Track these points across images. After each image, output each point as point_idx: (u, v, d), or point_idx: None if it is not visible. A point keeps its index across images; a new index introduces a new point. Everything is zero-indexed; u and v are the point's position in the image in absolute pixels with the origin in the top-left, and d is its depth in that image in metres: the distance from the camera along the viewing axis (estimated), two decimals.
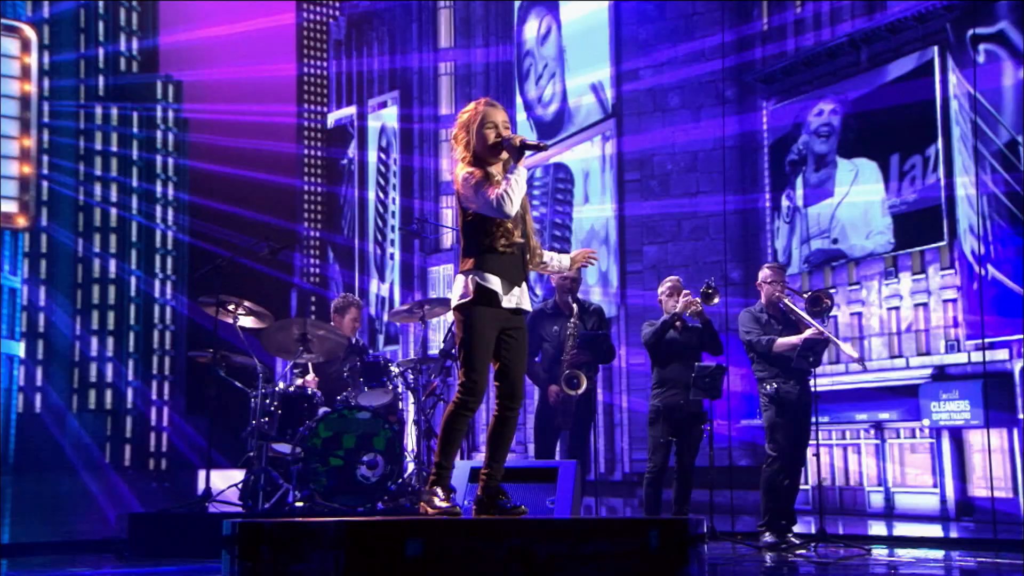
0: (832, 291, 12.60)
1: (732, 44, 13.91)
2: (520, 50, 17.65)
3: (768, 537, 6.72)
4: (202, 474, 9.01)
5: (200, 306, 7.20)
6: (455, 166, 4.15)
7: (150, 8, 17.63)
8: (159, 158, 16.87)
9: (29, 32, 11.44)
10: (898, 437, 12.04)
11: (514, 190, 3.96)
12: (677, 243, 14.35)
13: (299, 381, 7.27)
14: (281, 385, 7.10)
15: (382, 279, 23.23)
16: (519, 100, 17.53)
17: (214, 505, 6.99)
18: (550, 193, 16.78)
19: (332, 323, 7.76)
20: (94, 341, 15.59)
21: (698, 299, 6.91)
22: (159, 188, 17.01)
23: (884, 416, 11.96)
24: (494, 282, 4.00)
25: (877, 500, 12.03)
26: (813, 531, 6.82)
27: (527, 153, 4.03)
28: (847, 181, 12.63)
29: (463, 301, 4.04)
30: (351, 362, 7.17)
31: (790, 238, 13.22)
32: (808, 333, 6.67)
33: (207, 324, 7.10)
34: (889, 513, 11.74)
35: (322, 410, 6.93)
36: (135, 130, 16.87)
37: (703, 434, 6.93)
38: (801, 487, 7.23)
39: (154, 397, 15.37)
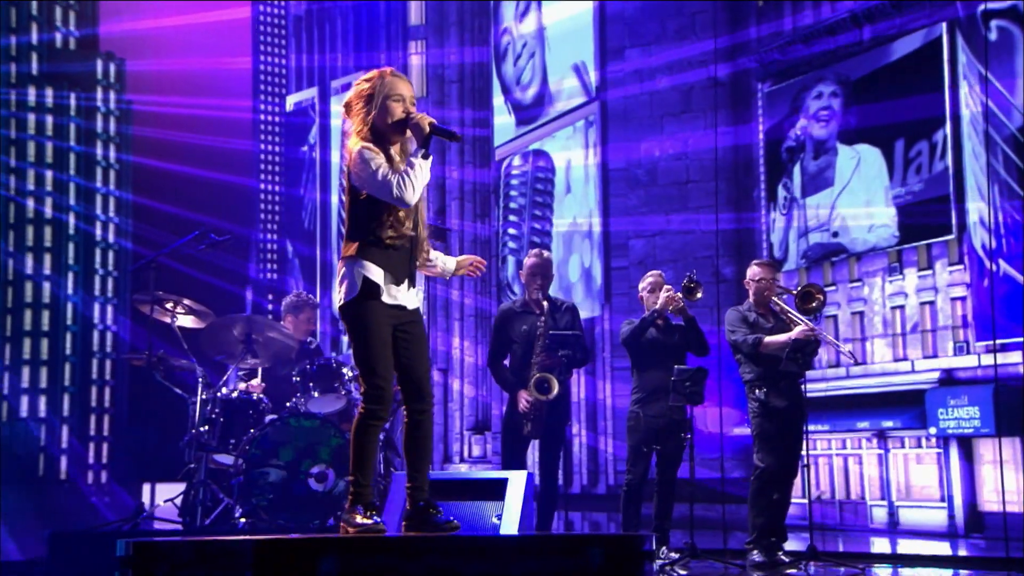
0: (831, 288, 12.57)
1: (725, 22, 13.85)
2: (497, 27, 17.55)
3: (756, 555, 6.62)
4: (147, 488, 8.87)
5: (135, 304, 7.08)
6: (348, 139, 3.99)
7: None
8: (99, 147, 16.65)
9: None
10: (903, 446, 12.01)
11: (417, 177, 3.82)
12: (666, 237, 14.28)
13: (242, 385, 7.16)
14: (224, 390, 6.98)
15: None
16: (496, 81, 17.44)
17: (154, 522, 6.89)
18: (529, 183, 16.69)
19: (283, 323, 7.65)
20: (26, 343, 15.39)
21: (679, 294, 6.81)
22: (99, 178, 16.78)
23: (887, 424, 11.93)
24: (377, 274, 3.88)
25: (880, 515, 11.99)
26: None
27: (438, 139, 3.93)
28: (848, 169, 12.59)
29: (351, 299, 3.90)
30: (301, 365, 7.05)
31: (787, 231, 13.17)
32: (797, 331, 6.58)
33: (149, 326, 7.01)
34: (893, 529, 11.71)
35: (268, 417, 6.81)
36: (72, 116, 16.65)
37: (686, 443, 6.82)
38: (797, 500, 7.16)
39: (93, 404, 15.19)
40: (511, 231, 16.79)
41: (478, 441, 16.63)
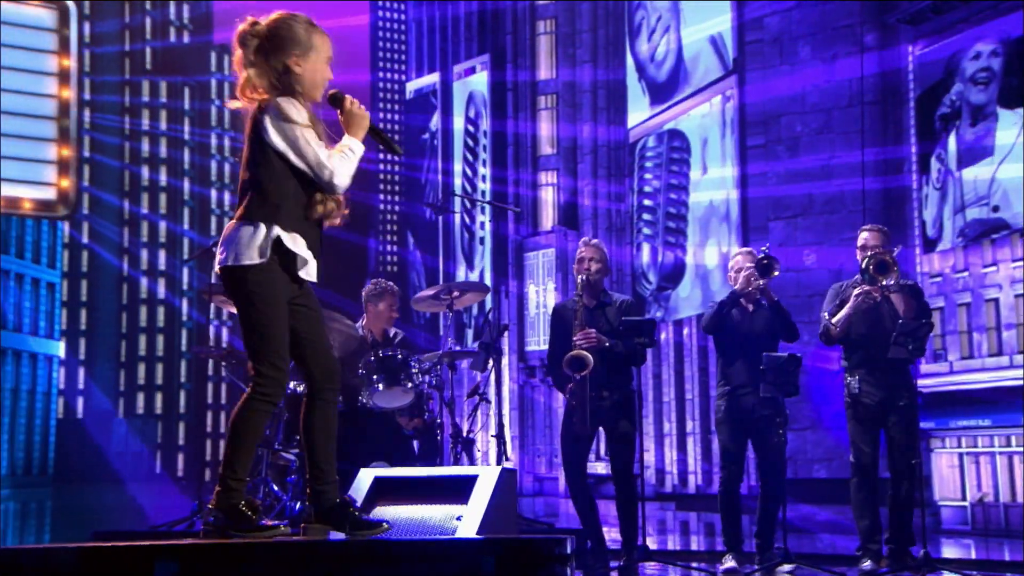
0: (991, 268, 11.80)
1: None
2: (631, 2, 17.17)
3: (867, 564, 6.18)
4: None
5: (201, 294, 7.12)
6: (245, 88, 3.52)
7: None
8: (213, 138, 17.08)
9: (68, 2, 11.66)
10: None
11: (354, 164, 3.53)
12: (808, 217, 13.68)
13: None
14: (291, 384, 6.92)
15: (470, 266, 22.93)
16: (629, 60, 17.10)
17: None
18: (664, 163, 16.28)
19: (365, 313, 7.58)
20: (142, 339, 15.87)
21: (756, 272, 6.40)
22: (214, 169, 17.23)
23: None
24: (297, 244, 3.49)
25: None
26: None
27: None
28: (1011, 136, 11.83)
29: (259, 262, 3.46)
30: (366, 358, 6.94)
31: (941, 207, 12.46)
32: (851, 304, 6.13)
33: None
34: None
35: None
36: (186, 105, 17.14)
37: (784, 439, 6.40)
38: (958, 503, 6.67)
39: (209, 400, 15.52)
40: (646, 216, 16.42)
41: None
